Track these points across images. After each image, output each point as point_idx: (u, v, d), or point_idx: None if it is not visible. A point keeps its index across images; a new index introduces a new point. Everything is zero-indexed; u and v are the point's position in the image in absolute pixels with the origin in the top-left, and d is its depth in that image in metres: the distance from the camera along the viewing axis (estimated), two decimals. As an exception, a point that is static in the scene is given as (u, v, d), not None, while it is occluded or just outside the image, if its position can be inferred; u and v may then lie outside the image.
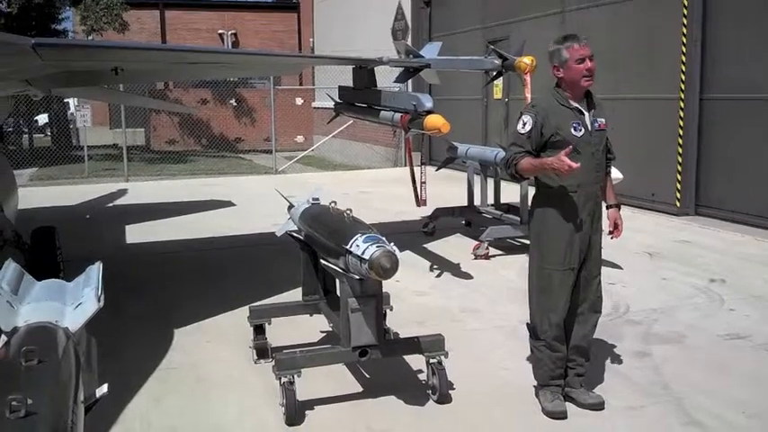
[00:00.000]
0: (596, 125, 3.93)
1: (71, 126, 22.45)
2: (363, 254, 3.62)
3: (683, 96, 9.76)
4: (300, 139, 23.12)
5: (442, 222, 9.09)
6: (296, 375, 3.94)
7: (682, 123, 9.80)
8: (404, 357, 4.54)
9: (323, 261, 4.30)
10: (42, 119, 24.48)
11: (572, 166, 3.58)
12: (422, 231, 8.99)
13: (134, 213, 11.27)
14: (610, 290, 6.06)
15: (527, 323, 4.17)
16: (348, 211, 4.17)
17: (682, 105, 9.78)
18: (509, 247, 8.13)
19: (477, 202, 9.17)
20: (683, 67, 9.73)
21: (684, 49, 9.70)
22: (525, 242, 7.68)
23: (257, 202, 11.80)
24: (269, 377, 4.21)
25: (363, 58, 7.17)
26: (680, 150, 9.82)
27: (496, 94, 14.15)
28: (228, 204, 12.01)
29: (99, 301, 2.99)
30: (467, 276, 6.99)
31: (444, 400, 4.11)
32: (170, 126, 23.26)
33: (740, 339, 5.16)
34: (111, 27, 21.90)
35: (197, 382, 4.52)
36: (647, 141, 10.33)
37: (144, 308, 6.13)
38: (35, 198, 11.98)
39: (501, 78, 8.74)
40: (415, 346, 4.20)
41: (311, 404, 4.07)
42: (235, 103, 24.21)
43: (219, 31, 31.21)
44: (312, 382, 4.18)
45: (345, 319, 3.95)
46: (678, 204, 9.89)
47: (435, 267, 7.34)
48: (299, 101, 23.40)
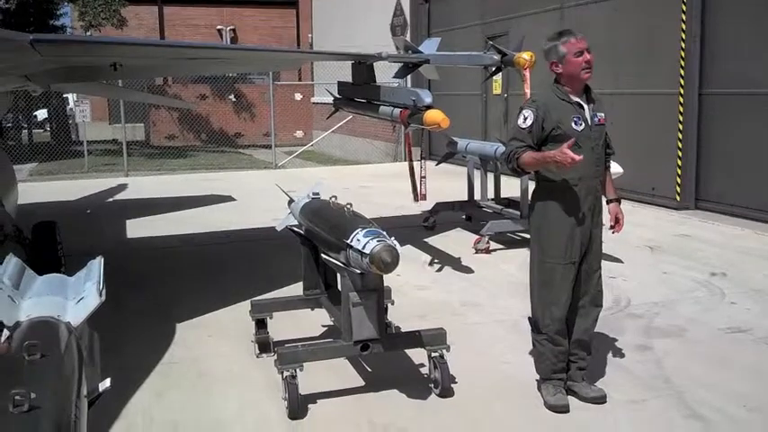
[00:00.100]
0: (596, 119, 3.94)
1: (70, 121, 22.45)
2: (364, 248, 3.62)
3: (682, 91, 9.75)
4: (300, 134, 23.11)
5: (443, 217, 9.10)
6: (298, 369, 3.94)
7: (681, 118, 9.80)
8: (405, 351, 4.54)
9: (324, 255, 4.30)
10: (41, 114, 24.45)
11: (575, 158, 3.59)
12: (422, 226, 9.00)
13: (134, 208, 11.27)
14: (611, 284, 6.08)
15: (529, 317, 4.18)
16: (348, 206, 4.18)
17: (681, 100, 9.77)
18: (509, 242, 8.14)
19: (478, 196, 9.19)
20: (682, 63, 9.72)
21: (684, 44, 9.69)
22: (526, 236, 7.69)
23: (257, 196, 11.80)
24: (270, 371, 4.22)
25: (362, 54, 7.15)
26: (680, 145, 9.82)
27: (496, 89, 14.15)
28: (228, 199, 12.01)
29: (100, 295, 3.00)
30: (467, 270, 6.99)
31: (446, 393, 4.12)
32: (169, 121, 23.23)
33: (741, 333, 5.16)
34: (110, 23, 21.92)
35: (199, 377, 4.53)
36: (646, 136, 10.33)
37: (145, 302, 6.14)
38: (35, 193, 11.98)
39: (500, 74, 8.74)
40: (416, 339, 4.20)
41: (313, 398, 4.07)
42: (234, 99, 24.19)
43: (218, 27, 31.24)
44: (314, 376, 4.19)
45: (347, 313, 3.95)
46: (678, 198, 9.90)
47: (436, 262, 7.34)
48: (298, 96, 23.37)
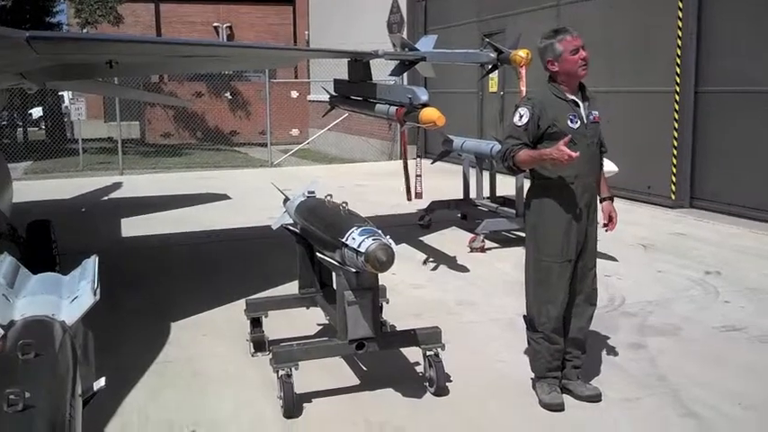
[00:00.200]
0: (591, 117, 3.96)
1: (66, 119, 22.39)
2: (359, 247, 3.62)
3: (678, 89, 9.76)
4: (296, 132, 23.07)
5: (438, 215, 9.10)
6: (293, 368, 3.94)
7: (677, 116, 9.81)
8: (401, 350, 4.55)
9: (319, 254, 4.29)
10: (37, 112, 24.36)
11: (571, 155, 3.59)
12: (418, 224, 9.00)
13: (129, 207, 11.25)
14: (605, 282, 6.09)
15: (524, 315, 4.18)
16: (344, 204, 4.17)
17: (677, 98, 9.78)
18: (505, 240, 8.15)
19: (473, 194, 9.20)
20: (678, 60, 9.73)
21: (680, 41, 9.70)
22: (521, 235, 7.70)
23: (253, 195, 11.79)
24: (265, 371, 4.21)
25: (359, 51, 7.15)
26: (675, 143, 9.84)
27: (492, 87, 14.15)
28: (224, 198, 11.99)
29: (95, 294, 2.99)
30: (463, 269, 7.00)
31: (441, 392, 4.12)
32: (165, 119, 23.19)
33: (735, 331, 5.17)
34: (106, 20, 21.86)
35: (194, 376, 4.52)
36: (642, 134, 10.34)
37: (140, 302, 6.12)
38: (30, 191, 11.94)
39: (496, 71, 8.75)
40: (411, 338, 4.20)
41: (309, 397, 4.07)
42: (230, 97, 24.15)
43: (214, 24, 31.19)
44: (309, 375, 4.18)
45: (342, 311, 3.95)
46: (673, 197, 9.91)
47: (431, 260, 7.34)
48: (294, 94, 23.34)
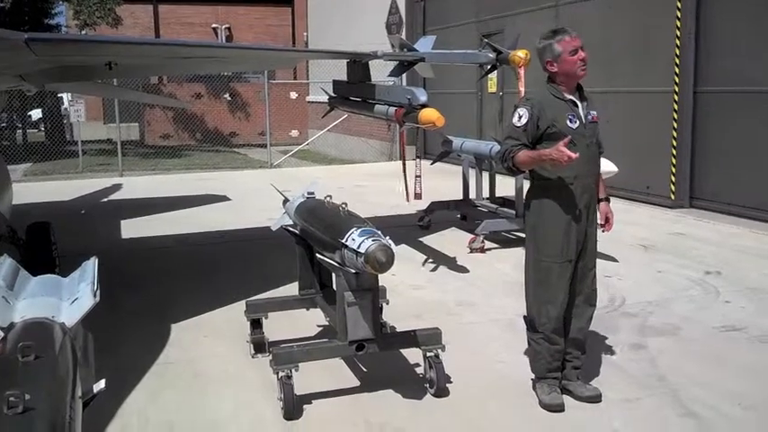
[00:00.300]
0: (590, 117, 3.96)
1: (65, 121, 22.38)
2: (359, 248, 3.62)
3: (677, 89, 9.76)
4: (295, 133, 23.07)
5: (438, 216, 9.10)
6: (293, 370, 3.94)
7: (676, 116, 9.81)
8: (401, 351, 4.55)
9: (319, 255, 4.29)
10: (36, 114, 24.36)
11: (571, 156, 3.59)
12: (417, 225, 9.00)
13: (129, 208, 11.25)
14: (605, 282, 6.09)
15: (524, 316, 4.18)
16: (343, 205, 4.17)
17: (676, 98, 9.78)
18: (504, 241, 8.15)
19: (473, 195, 9.19)
20: (677, 60, 9.73)
21: (679, 41, 9.70)
22: (521, 235, 7.70)
23: (252, 196, 11.79)
24: (265, 372, 4.21)
25: (358, 52, 7.15)
26: (674, 143, 9.84)
27: (491, 87, 14.15)
28: (223, 199, 11.99)
29: (95, 296, 2.99)
30: (463, 270, 7.00)
31: (441, 393, 4.12)
32: (164, 121, 23.18)
33: (736, 331, 5.17)
34: (105, 22, 21.85)
35: (194, 378, 4.52)
36: (641, 134, 10.34)
37: (140, 303, 6.12)
38: (30, 193, 11.93)
39: (495, 72, 8.75)
40: (411, 339, 4.20)
41: (309, 398, 4.07)
42: (229, 98, 24.15)
43: (213, 26, 31.17)
44: (309, 376, 4.18)
45: (342, 313, 3.95)
46: (673, 197, 9.91)
47: (431, 261, 7.34)
48: (293, 95, 23.34)
